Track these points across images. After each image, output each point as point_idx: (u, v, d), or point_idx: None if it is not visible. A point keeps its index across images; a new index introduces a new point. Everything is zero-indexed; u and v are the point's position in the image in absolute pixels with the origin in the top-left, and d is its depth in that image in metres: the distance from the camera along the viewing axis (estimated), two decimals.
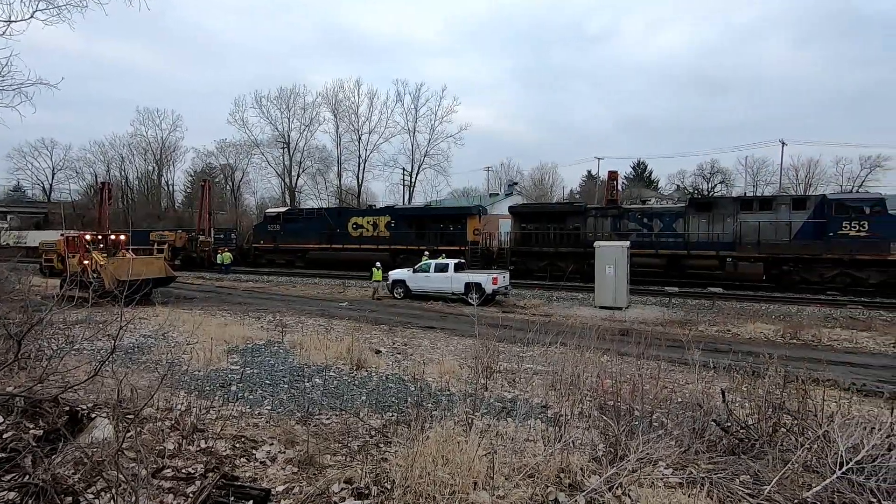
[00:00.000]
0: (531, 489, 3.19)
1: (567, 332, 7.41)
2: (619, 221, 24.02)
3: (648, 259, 22.65)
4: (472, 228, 28.06)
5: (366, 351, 9.32)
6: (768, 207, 21.37)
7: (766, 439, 4.18)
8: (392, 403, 6.47)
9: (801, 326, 13.70)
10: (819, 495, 3.02)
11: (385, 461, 3.66)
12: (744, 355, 7.22)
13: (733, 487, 3.07)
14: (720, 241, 21.70)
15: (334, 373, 7.97)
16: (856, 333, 13.28)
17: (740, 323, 14.64)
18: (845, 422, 4.24)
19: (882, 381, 8.66)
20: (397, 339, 11.69)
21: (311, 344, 9.59)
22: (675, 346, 7.69)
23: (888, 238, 18.91)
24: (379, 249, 28.67)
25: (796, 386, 5.05)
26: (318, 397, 6.55)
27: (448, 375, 7.63)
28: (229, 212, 56.34)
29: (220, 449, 4.10)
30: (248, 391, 6.89)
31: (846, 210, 19.74)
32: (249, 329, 11.84)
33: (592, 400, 5.60)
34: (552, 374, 6.91)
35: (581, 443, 4.33)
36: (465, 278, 19.11)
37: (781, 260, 20.68)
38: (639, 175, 64.60)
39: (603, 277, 17.81)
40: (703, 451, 3.85)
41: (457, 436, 3.89)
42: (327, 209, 36.12)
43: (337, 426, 5.21)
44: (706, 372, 6.61)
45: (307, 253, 32.04)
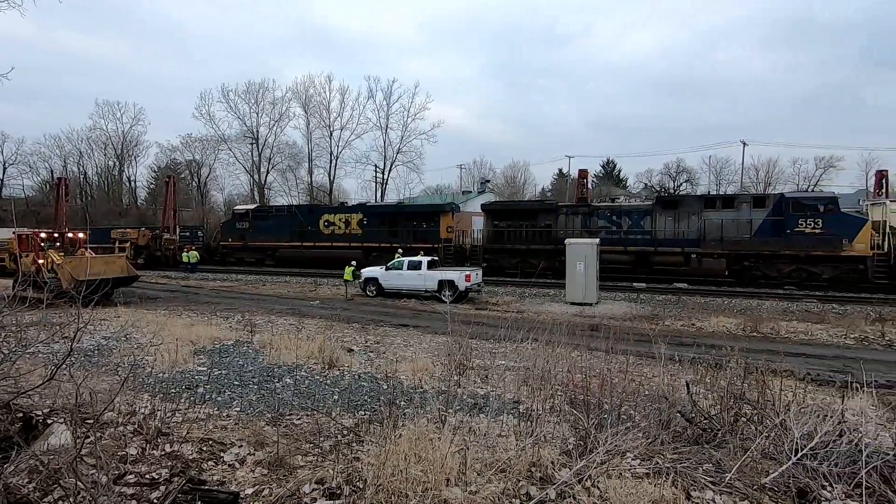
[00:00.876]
0: (503, 484, 3.23)
1: (539, 329, 7.50)
2: (590, 219, 24.46)
3: (617, 256, 23.15)
4: (446, 226, 28.08)
5: (338, 350, 9.23)
6: (730, 205, 22.14)
7: (727, 429, 4.34)
8: (365, 402, 6.42)
9: (760, 320, 14.26)
10: (776, 481, 3.15)
11: (357, 460, 3.63)
12: (707, 348, 7.46)
13: (696, 476, 3.18)
14: (685, 238, 22.37)
15: (305, 372, 7.86)
16: (811, 326, 13.92)
17: (704, 317, 15.14)
18: (801, 410, 4.44)
19: (834, 370, 9.10)
20: (370, 337, 11.60)
21: (281, 343, 9.42)
22: (642, 341, 7.88)
23: (840, 235, 19.88)
24: (351, 247, 28.38)
25: (756, 377, 5.27)
26: (289, 397, 6.45)
27: (421, 373, 7.63)
28: (195, 209, 54.73)
29: (187, 452, 3.99)
30: (216, 393, 6.72)
31: (802, 208, 20.64)
32: (217, 329, 11.54)
33: (563, 394, 5.69)
34: (524, 369, 6.99)
35: (552, 437, 4.40)
36: (438, 276, 19.11)
37: (743, 256, 21.47)
38: (608, 173, 65.96)
39: (574, 274, 18.11)
40: (668, 442, 3.96)
41: (430, 433, 3.89)
42: (298, 206, 35.52)
43: (308, 426, 5.14)
44: (672, 365, 6.82)
45: (277, 251, 31.45)
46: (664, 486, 3.04)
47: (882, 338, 12.68)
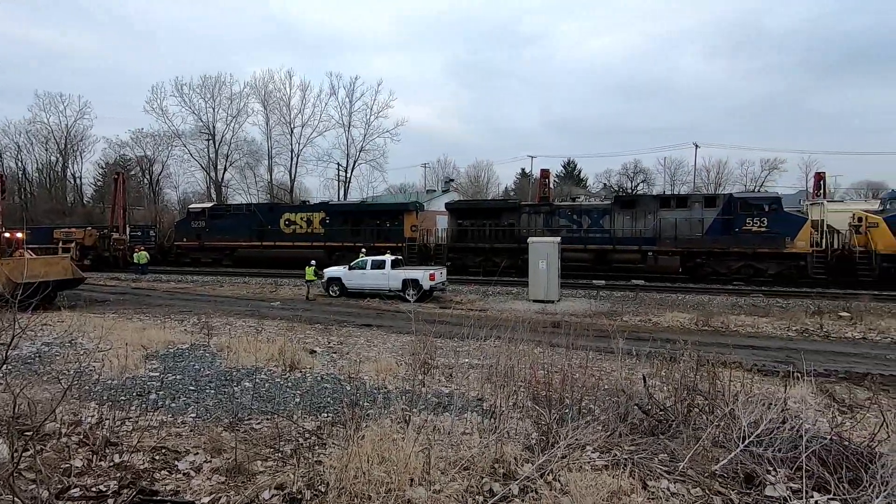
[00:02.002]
0: (467, 481, 3.24)
1: (502, 326, 7.58)
2: (551, 218, 24.93)
3: (578, 254, 23.71)
4: (410, 225, 27.98)
5: (299, 351, 9.03)
6: (684, 205, 23.07)
7: (681, 419, 4.52)
8: (327, 404, 6.31)
9: (711, 314, 14.93)
10: (725, 468, 3.31)
11: (319, 464, 3.56)
12: (663, 342, 7.76)
13: (652, 466, 3.29)
14: (642, 237, 23.15)
15: (265, 375, 7.65)
16: (757, 319, 14.68)
17: (660, 312, 15.71)
18: (748, 400, 4.67)
19: (778, 361, 9.63)
20: (333, 338, 11.42)
21: (240, 346, 9.14)
22: (602, 337, 8.10)
23: (783, 233, 21.08)
24: (313, 247, 27.85)
25: (707, 369, 5.51)
26: (248, 402, 6.26)
27: (385, 373, 7.57)
28: (147, 207, 52.33)
29: (138, 462, 3.81)
30: (170, 399, 6.44)
31: (749, 208, 21.74)
32: (171, 332, 11.07)
33: (526, 391, 5.77)
34: (488, 367, 7.05)
35: (515, 433, 4.46)
36: (402, 275, 19.02)
37: (695, 253, 22.43)
38: (569, 173, 67.40)
39: (536, 272, 18.41)
40: (626, 434, 4.09)
41: (393, 433, 3.87)
42: (257, 205, 34.55)
43: (269, 431, 5.00)
44: (630, 359, 7.04)
45: (236, 251, 30.51)
46: (622, 476, 3.14)
47: (820, 329, 13.52)
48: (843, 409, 6.87)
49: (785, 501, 3.02)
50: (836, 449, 3.58)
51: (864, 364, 10.11)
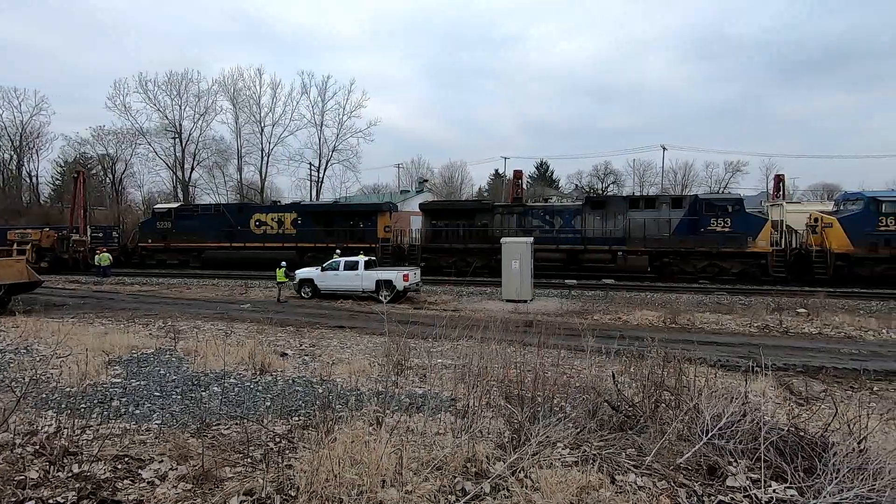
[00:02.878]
0: (439, 481, 3.25)
1: (476, 326, 7.63)
2: (524, 218, 25.20)
3: (550, 254, 24.03)
4: (383, 225, 27.82)
5: (270, 354, 8.87)
6: (652, 206, 23.68)
7: (649, 414, 4.64)
8: (299, 407, 6.22)
9: (678, 312, 15.38)
10: (689, 460, 3.41)
11: (290, 468, 3.51)
12: (632, 340, 7.91)
13: (620, 461, 3.37)
14: (612, 237, 23.64)
15: (235, 379, 7.48)
16: (721, 317, 15.19)
17: (629, 310, 16.07)
18: (711, 394, 4.83)
19: (740, 357, 9.99)
20: (305, 340, 11.26)
21: (208, 350, 8.91)
22: (573, 335, 8.24)
23: (746, 233, 21.89)
24: (285, 247, 27.39)
25: (674, 365, 5.66)
26: (217, 407, 6.11)
27: (358, 374, 7.51)
28: (110, 207, 50.43)
29: (99, 472, 3.67)
30: (134, 405, 6.24)
31: (713, 209, 22.48)
32: (135, 337, 10.71)
33: (499, 390, 5.82)
34: (461, 367, 7.08)
35: (488, 432, 4.49)
36: (375, 276, 18.90)
37: (663, 253, 23.05)
38: (542, 174, 68.28)
39: (509, 272, 18.58)
40: (595, 430, 4.17)
41: (365, 435, 3.85)
42: (227, 205, 33.72)
43: (238, 436, 4.90)
44: (600, 357, 7.18)
45: (204, 252, 29.72)
46: (591, 472, 3.20)
47: (780, 325, 14.10)
48: (800, 401, 7.19)
49: (745, 491, 3.14)
50: (793, 440, 3.74)
51: (820, 358, 10.59)
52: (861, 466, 3.25)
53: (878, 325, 13.97)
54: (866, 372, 9.46)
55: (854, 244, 20.48)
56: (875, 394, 8.20)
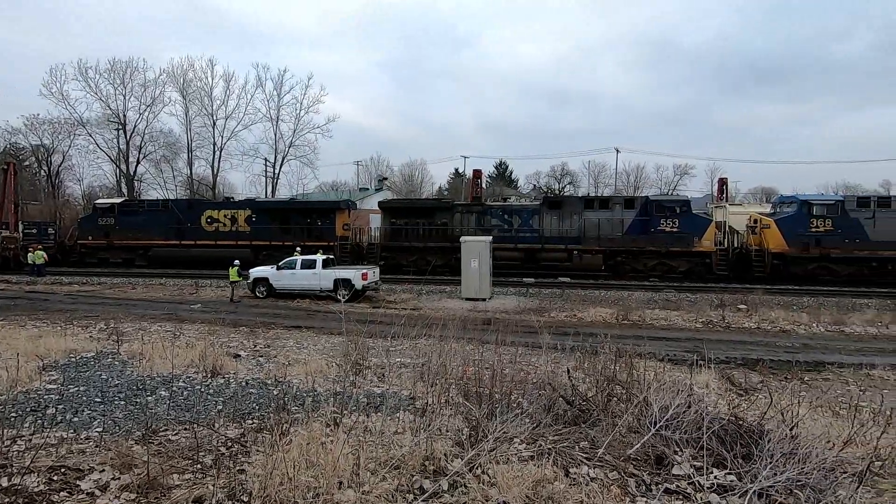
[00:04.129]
0: (397, 480, 3.24)
1: (435, 325, 7.64)
2: (483, 217, 25.45)
3: (509, 252, 24.39)
4: (342, 223, 27.40)
5: (223, 356, 8.57)
6: (606, 206, 24.47)
7: (601, 408, 4.80)
8: (253, 410, 6.04)
9: (630, 309, 15.97)
10: (639, 451, 3.56)
11: (242, 472, 3.41)
12: (586, 336, 8.15)
13: (574, 454, 3.48)
14: (569, 236, 24.26)
15: (184, 382, 7.18)
16: (669, 313, 15.91)
17: (584, 308, 16.56)
18: (660, 387, 5.05)
19: (687, 351, 10.49)
20: (259, 340, 10.95)
21: (155, 352, 8.50)
22: (530, 333, 8.42)
23: (692, 233, 22.99)
24: (238, 245, 26.50)
25: (625, 360, 5.88)
26: (164, 412, 5.84)
27: (315, 375, 7.37)
28: (45, 202, 47.09)
29: (31, 485, 3.43)
30: (72, 413, 5.87)
31: (663, 210, 23.47)
32: (74, 340, 10.08)
33: (458, 387, 5.86)
34: (420, 366, 7.08)
35: (447, 429, 4.51)
36: (333, 274, 18.61)
37: (616, 252, 23.87)
38: (501, 174, 69.14)
39: (468, 271, 18.73)
40: (551, 425, 4.27)
41: (322, 436, 3.79)
42: (176, 201, 32.24)
43: (187, 441, 4.70)
44: (556, 353, 7.36)
45: (150, 250, 28.32)
46: (546, 465, 3.28)
47: (723, 321, 14.91)
48: (740, 392, 7.64)
49: (689, 479, 3.30)
50: (733, 428, 3.96)
51: (758, 351, 11.28)
52: (792, 451, 3.49)
53: (809, 320, 15.03)
54: (798, 363, 10.16)
55: (789, 244, 21.91)
56: (806, 383, 8.82)
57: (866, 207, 21.83)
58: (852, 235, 21.45)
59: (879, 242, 21.22)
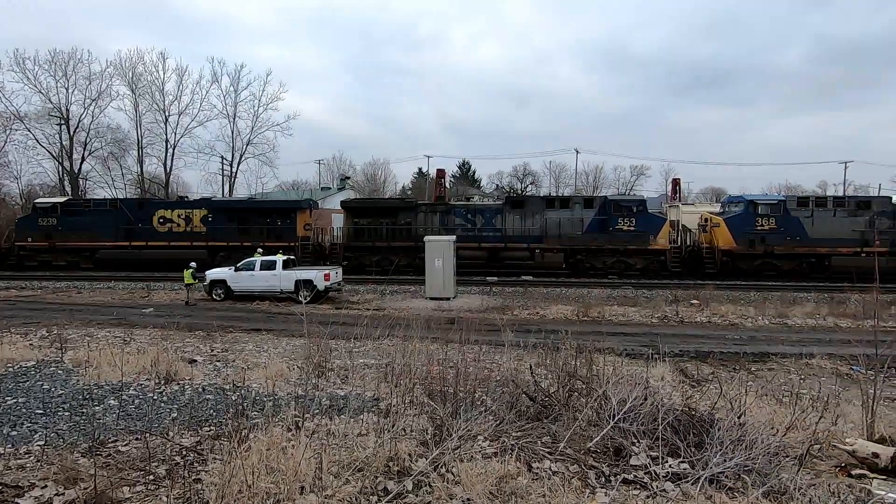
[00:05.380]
0: (361, 483, 3.21)
1: (399, 325, 7.60)
2: (447, 217, 25.53)
3: (473, 252, 24.57)
4: (303, 223, 26.84)
5: (177, 362, 8.22)
6: (566, 206, 25.03)
7: (563, 403, 4.90)
8: (210, 417, 5.83)
9: (590, 306, 16.40)
10: (598, 444, 3.66)
11: (198, 482, 3.29)
12: (548, 333, 8.31)
13: (536, 449, 3.54)
14: (531, 235, 24.67)
15: (135, 390, 6.85)
16: (627, 309, 16.42)
17: (546, 305, 16.87)
18: (618, 381, 5.21)
19: (643, 345, 10.86)
20: (217, 345, 10.59)
21: (103, 359, 8.07)
22: (494, 331, 8.49)
23: (648, 232, 23.83)
24: (193, 246, 25.52)
25: (585, 356, 6.03)
26: (113, 422, 5.56)
27: (275, 379, 7.18)
28: None
29: None
30: (10, 426, 5.50)
31: (620, 209, 24.22)
32: (11, 349, 9.43)
33: (422, 387, 5.85)
34: (384, 366, 7.03)
35: (411, 430, 4.50)
36: (294, 276, 18.21)
37: (576, 250, 24.45)
38: (464, 174, 69.54)
39: (432, 270, 18.74)
40: (514, 421, 4.34)
41: (283, 441, 3.70)
42: (125, 200, 30.73)
43: (138, 452, 4.49)
44: (519, 350, 7.46)
45: (98, 252, 26.88)
46: (509, 462, 3.32)
47: (677, 315, 15.53)
48: (693, 383, 7.97)
49: (646, 468, 3.42)
50: (686, 419, 4.14)
51: (709, 344, 11.81)
52: (740, 438, 3.67)
53: (755, 313, 15.86)
54: (745, 355, 10.71)
55: (737, 242, 23.06)
56: (752, 374, 9.31)
57: (805, 207, 23.25)
58: (793, 233, 22.80)
59: (817, 239, 22.65)
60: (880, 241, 21.30)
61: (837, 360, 9.89)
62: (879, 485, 3.69)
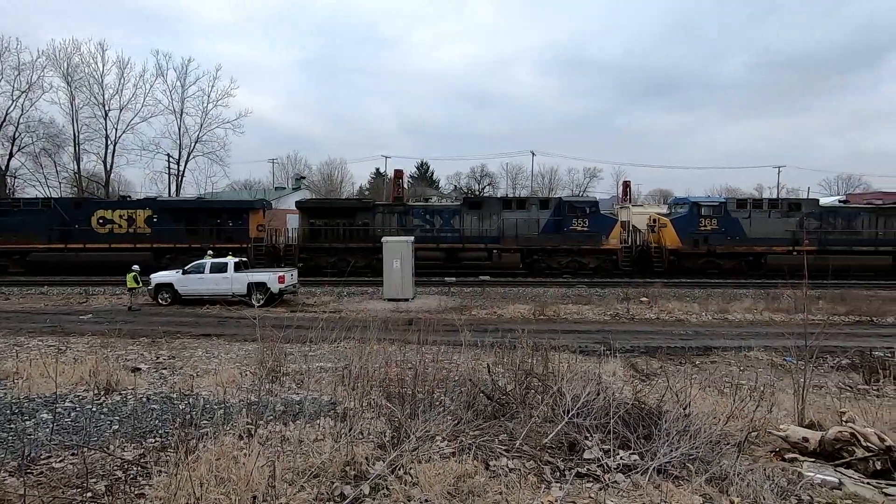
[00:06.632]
0: (317, 489, 3.14)
1: (357, 327, 7.50)
2: (405, 218, 25.42)
3: (431, 252, 24.57)
4: (256, 224, 26.01)
5: (119, 370, 7.76)
6: (523, 207, 25.48)
7: (520, 400, 4.99)
8: (155, 427, 5.55)
9: (546, 305, 16.76)
10: (553, 439, 3.74)
11: (142, 496, 3.12)
12: (505, 332, 8.43)
13: (493, 447, 3.58)
14: (488, 236, 24.95)
15: (72, 402, 6.42)
16: (581, 307, 16.90)
17: (503, 305, 17.11)
18: (573, 377, 5.35)
19: (597, 342, 11.21)
20: (163, 352, 10.09)
21: (34, 370, 7.51)
22: (452, 331, 8.53)
23: (600, 232, 24.63)
24: (137, 249, 24.24)
25: (541, 354, 6.16)
26: (46, 437, 5.19)
27: (227, 385, 6.92)
28: None
29: None
30: None
31: (574, 210, 24.90)
32: None
33: (380, 389, 5.79)
34: (341, 369, 6.91)
35: (368, 433, 4.45)
36: (246, 278, 17.60)
37: (533, 250, 24.94)
38: (422, 174, 69.46)
39: (391, 271, 18.61)
40: (472, 420, 4.37)
41: (234, 450, 3.57)
42: (59, 199, 28.79)
43: (75, 468, 4.21)
44: (477, 350, 7.53)
45: (28, 255, 25.00)
46: (467, 461, 3.35)
47: (628, 313, 16.13)
48: (642, 377, 8.30)
49: (598, 461, 3.53)
50: (636, 412, 4.30)
51: (658, 339, 12.33)
52: (686, 429, 3.85)
53: (699, 309, 16.72)
54: (690, 349, 11.26)
55: (682, 241, 24.21)
56: (697, 367, 9.79)
57: (744, 209, 24.71)
58: (733, 233, 24.19)
59: (754, 239, 24.13)
60: (809, 241, 22.94)
61: (772, 352, 10.57)
62: (809, 467, 3.97)
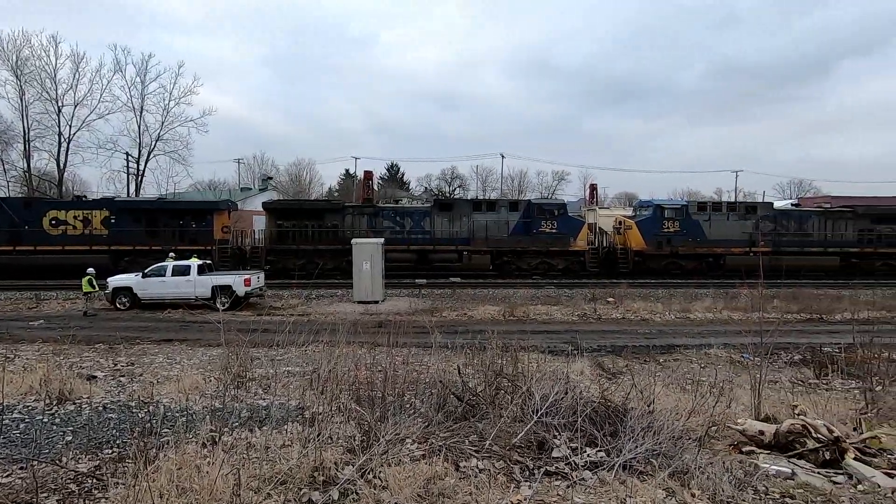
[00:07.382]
0: (284, 496, 3.08)
1: (326, 330, 7.39)
2: (375, 219, 25.24)
3: (401, 254, 24.47)
4: (221, 225, 25.29)
5: (73, 379, 7.41)
6: (493, 209, 25.70)
7: (490, 401, 5.02)
8: (112, 437, 5.32)
9: (516, 306, 16.93)
10: (523, 439, 3.78)
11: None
12: (475, 334, 8.46)
13: (463, 448, 3.59)
14: (459, 238, 25.04)
15: (21, 413, 6.09)
16: (550, 308, 17.15)
17: (474, 306, 17.18)
18: (541, 377, 5.42)
19: (565, 342, 11.40)
20: (121, 358, 9.69)
21: None
22: (423, 333, 8.50)
23: (569, 234, 25.09)
24: (93, 251, 23.19)
25: (511, 355, 6.22)
26: None
27: (189, 392, 6.70)
28: None
29: None
30: None
31: (543, 212, 25.28)
32: None
33: (350, 393, 5.72)
34: (310, 373, 6.80)
35: (338, 437, 4.39)
36: (210, 281, 17.07)
37: (502, 252, 25.17)
38: (392, 176, 69.14)
39: (360, 273, 18.43)
40: (442, 422, 4.37)
41: (198, 458, 3.46)
42: (7, 199, 27.29)
43: (24, 483, 3.99)
44: (447, 352, 7.53)
45: None
46: (437, 463, 3.34)
47: (595, 313, 16.47)
48: (609, 376, 8.49)
49: (566, 459, 3.59)
50: (602, 409, 4.39)
51: (624, 339, 12.63)
52: (650, 425, 3.96)
53: (663, 309, 17.22)
54: (654, 348, 11.59)
55: (647, 243, 24.92)
56: (661, 364, 10.09)
57: (704, 211, 25.65)
58: (694, 235, 25.08)
59: (714, 241, 25.08)
60: (764, 242, 24.00)
61: (731, 350, 10.99)
62: (765, 459, 4.15)
